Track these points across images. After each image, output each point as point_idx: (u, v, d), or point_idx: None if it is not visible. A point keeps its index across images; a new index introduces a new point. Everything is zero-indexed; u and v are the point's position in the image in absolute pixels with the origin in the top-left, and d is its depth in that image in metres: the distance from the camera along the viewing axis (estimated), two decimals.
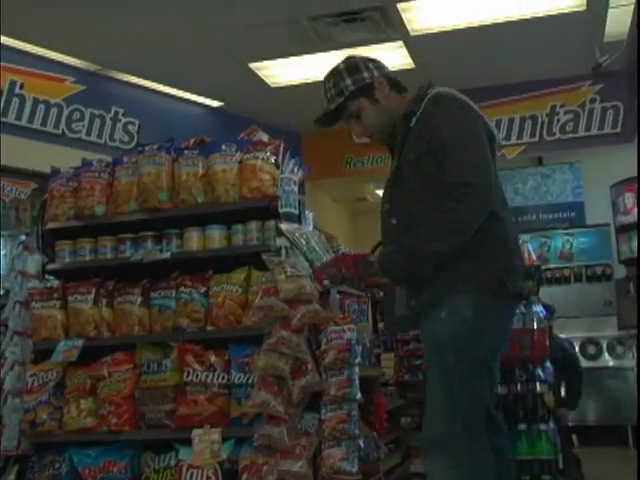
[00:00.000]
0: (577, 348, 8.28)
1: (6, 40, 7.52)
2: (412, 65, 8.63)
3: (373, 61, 3.36)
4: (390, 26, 7.65)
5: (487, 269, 3.02)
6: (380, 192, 12.21)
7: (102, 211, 4.41)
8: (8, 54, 7.61)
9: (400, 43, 8.10)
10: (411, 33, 7.83)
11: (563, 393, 6.16)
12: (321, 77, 3.39)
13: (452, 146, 3.00)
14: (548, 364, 4.60)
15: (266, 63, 8.33)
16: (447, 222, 2.98)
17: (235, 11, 6.86)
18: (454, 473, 2.95)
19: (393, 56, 8.34)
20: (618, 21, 7.91)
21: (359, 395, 3.80)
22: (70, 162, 4.76)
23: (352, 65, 3.29)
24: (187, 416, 3.93)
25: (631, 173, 8.93)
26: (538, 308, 4.54)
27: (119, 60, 8.22)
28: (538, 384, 4.42)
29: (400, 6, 7.24)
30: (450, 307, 3.01)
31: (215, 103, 9.65)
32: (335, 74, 3.30)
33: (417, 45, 8.13)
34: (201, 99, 9.53)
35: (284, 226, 4.03)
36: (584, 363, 8.21)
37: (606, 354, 8.55)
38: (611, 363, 8.57)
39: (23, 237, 4.76)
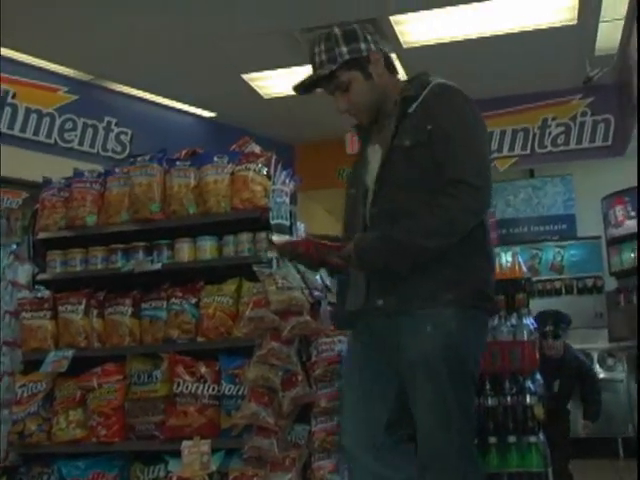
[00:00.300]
0: None
1: (1, 50, 7.52)
2: (405, 77, 8.63)
3: (372, 34, 3.07)
4: (383, 38, 7.64)
5: (468, 280, 2.85)
6: None
7: (93, 221, 4.40)
8: (5, 64, 7.62)
9: (393, 56, 8.11)
10: (403, 45, 7.86)
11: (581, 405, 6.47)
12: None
13: (457, 143, 2.82)
14: (538, 376, 4.60)
15: (259, 74, 8.35)
16: (438, 218, 2.77)
17: (229, 22, 6.86)
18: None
19: None
20: (609, 35, 7.96)
21: None
22: (63, 172, 4.75)
23: (350, 32, 2.99)
24: (177, 427, 3.92)
25: (622, 186, 9.03)
26: (528, 320, 4.54)
27: (112, 70, 8.22)
28: (528, 396, 4.41)
29: (393, 19, 7.27)
30: (433, 320, 2.81)
31: (208, 114, 9.66)
32: (329, 38, 2.99)
33: (409, 57, 8.13)
34: (194, 109, 9.54)
35: (275, 237, 4.02)
36: None
37: (597, 366, 8.54)
38: (602, 375, 8.54)
39: (14, 247, 4.74)
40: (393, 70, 3.16)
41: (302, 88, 3.07)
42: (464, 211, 2.77)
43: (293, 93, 3.13)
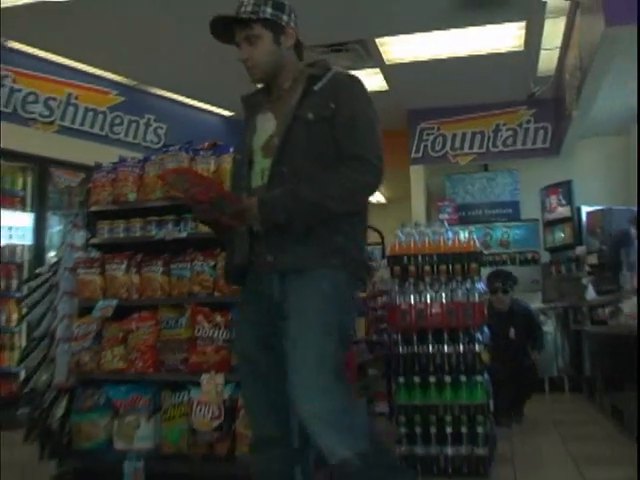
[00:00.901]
0: None
1: (64, 60, 7.54)
2: (387, 88, 8.64)
3: (295, 19, 2.69)
4: (369, 56, 7.65)
5: (352, 249, 2.50)
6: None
7: (134, 198, 4.37)
8: (66, 71, 7.65)
9: (377, 70, 8.10)
10: (386, 62, 7.83)
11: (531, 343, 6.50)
12: None
13: (362, 124, 2.50)
14: (485, 329, 4.59)
15: None
16: (342, 186, 2.43)
17: None
18: (327, 418, 2.28)
19: (371, 80, 8.35)
20: (548, 61, 8.14)
21: None
22: (111, 158, 4.72)
23: (280, 3, 2.62)
24: (197, 363, 3.91)
25: (556, 179, 9.13)
26: (479, 285, 4.52)
27: (151, 76, 8.22)
28: (477, 345, 4.41)
29: (378, 41, 7.27)
30: (322, 280, 2.41)
31: (227, 113, 9.61)
32: None
33: (391, 72, 8.13)
34: (215, 109, 9.51)
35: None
36: None
37: None
38: None
39: (73, 216, 4.73)
40: (300, 54, 2.73)
41: (218, 27, 2.60)
42: (364, 185, 2.48)
43: None
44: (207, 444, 3.75)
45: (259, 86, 2.78)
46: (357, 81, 2.62)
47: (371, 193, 2.55)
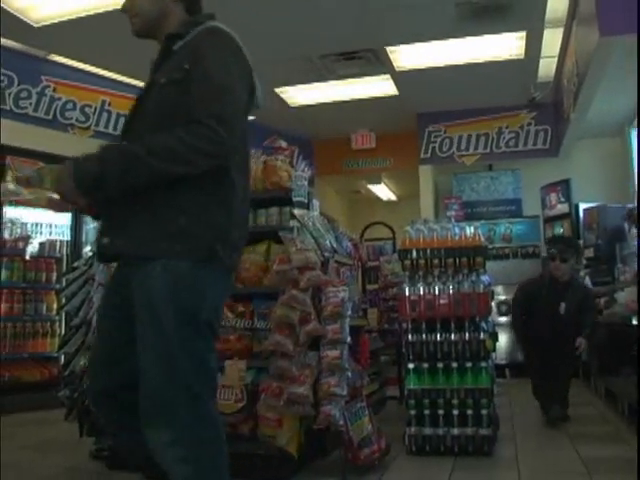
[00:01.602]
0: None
1: (98, 70, 7.56)
2: (397, 93, 8.59)
3: None
4: (380, 63, 7.60)
5: (202, 234, 2.03)
6: (372, 187, 12.14)
7: None
8: (101, 80, 7.68)
9: (388, 76, 8.04)
10: (396, 69, 7.78)
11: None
12: (327, 100, 3.16)
13: (213, 84, 2.01)
14: (490, 318, 4.54)
15: (287, 88, 8.30)
16: (167, 146, 1.94)
17: (264, 50, 6.78)
18: (178, 450, 1.94)
19: (382, 86, 8.32)
20: (547, 68, 8.11)
21: (349, 339, 3.74)
22: None
23: None
24: (221, 350, 3.86)
25: (556, 178, 9.06)
26: (484, 277, 4.46)
27: None
28: (482, 333, 4.35)
29: (388, 49, 7.22)
30: (162, 267, 1.98)
31: (248, 118, 9.58)
32: None
33: (400, 78, 8.07)
34: None
35: (296, 211, 3.96)
36: None
37: None
38: None
39: None
40: (192, 9, 2.28)
41: None
42: (196, 150, 1.95)
43: (312, 102, 2.84)
44: (231, 425, 3.73)
45: None
46: (221, 35, 2.13)
47: (206, 160, 1.98)
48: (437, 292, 4.40)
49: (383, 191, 12.61)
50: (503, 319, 8.02)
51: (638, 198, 6.75)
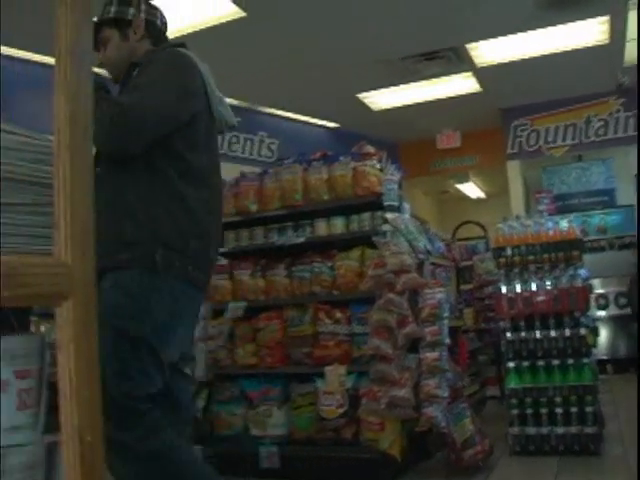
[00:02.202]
0: (612, 299, 7.96)
1: None
2: (480, 89, 8.47)
3: (150, 5, 2.42)
4: (461, 61, 7.51)
5: (149, 241, 2.04)
6: (460, 186, 12.03)
7: (255, 209, 4.45)
8: None
9: (470, 73, 7.94)
10: (478, 65, 7.67)
11: None
12: (410, 102, 3.13)
13: (144, 84, 2.13)
14: (589, 313, 4.42)
15: (368, 93, 8.28)
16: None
17: (346, 56, 6.84)
18: (128, 454, 1.95)
19: (464, 84, 8.22)
20: (633, 51, 7.71)
21: (448, 340, 3.74)
22: (231, 174, 4.82)
23: None
24: (321, 356, 3.96)
25: None
26: (582, 271, 4.36)
27: (262, 97, 8.33)
28: (582, 329, 4.25)
29: (468, 46, 7.13)
30: (115, 279, 2.01)
31: (333, 124, 9.65)
32: None
33: (483, 74, 7.96)
34: (322, 122, 9.54)
35: (388, 215, 3.99)
36: (617, 311, 7.91)
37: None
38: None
39: None
40: (158, 40, 2.41)
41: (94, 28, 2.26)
42: (106, 133, 1.99)
43: (395, 105, 2.83)
44: (333, 430, 3.79)
45: None
46: (168, 54, 2.28)
47: (108, 140, 2.02)
48: (534, 288, 4.33)
49: (471, 189, 12.46)
50: (602, 313, 7.78)
51: (638, 199, 6.36)
